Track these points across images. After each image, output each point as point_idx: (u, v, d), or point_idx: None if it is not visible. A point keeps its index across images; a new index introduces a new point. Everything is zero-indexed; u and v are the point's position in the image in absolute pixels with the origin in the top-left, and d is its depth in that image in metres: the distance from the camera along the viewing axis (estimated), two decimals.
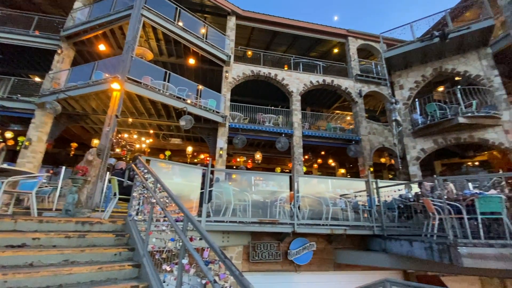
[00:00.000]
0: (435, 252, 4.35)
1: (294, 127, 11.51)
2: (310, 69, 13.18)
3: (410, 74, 9.81)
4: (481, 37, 8.56)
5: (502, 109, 7.98)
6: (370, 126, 12.47)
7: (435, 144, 8.82)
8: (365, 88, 12.88)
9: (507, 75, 11.23)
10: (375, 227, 5.67)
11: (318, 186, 7.08)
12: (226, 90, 10.97)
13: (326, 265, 6.15)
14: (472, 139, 8.37)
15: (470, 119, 7.94)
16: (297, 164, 11.06)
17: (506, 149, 7.92)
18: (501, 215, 4.12)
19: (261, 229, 5.31)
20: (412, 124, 9.23)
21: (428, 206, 4.66)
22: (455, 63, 9.14)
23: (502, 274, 5.25)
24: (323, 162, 15.61)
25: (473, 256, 3.94)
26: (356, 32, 13.68)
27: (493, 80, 8.43)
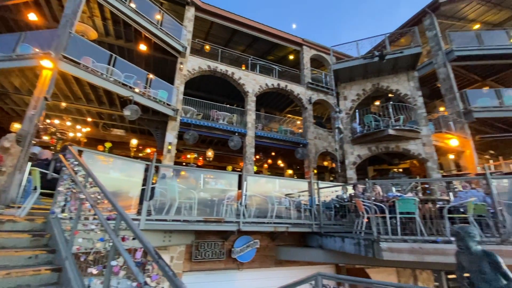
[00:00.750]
0: (362, 247, 4.89)
1: (248, 127, 11.64)
2: (267, 72, 13.50)
3: (353, 87, 10.85)
4: (411, 62, 9.95)
5: (422, 125, 9.42)
6: (316, 131, 13.38)
7: (369, 151, 9.93)
8: (315, 96, 13.78)
9: (428, 96, 13.27)
10: (314, 225, 6.10)
11: (265, 186, 7.29)
12: (179, 83, 10.48)
13: (268, 261, 6.37)
14: (398, 148, 9.67)
15: (397, 131, 9.16)
16: (248, 164, 11.21)
17: (423, 159, 9.37)
18: (415, 215, 4.85)
19: (206, 227, 5.21)
20: (351, 132, 10.21)
21: (359, 206, 5.22)
22: (389, 81, 10.43)
23: (413, 265, 6.19)
24: (273, 163, 16.15)
25: (391, 250, 4.54)
26: (310, 42, 14.52)
27: (417, 99, 9.88)
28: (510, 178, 5.34)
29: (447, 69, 10.79)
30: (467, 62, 11.08)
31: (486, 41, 10.92)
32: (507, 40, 11.09)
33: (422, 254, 4.41)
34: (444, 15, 12.58)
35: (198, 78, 12.27)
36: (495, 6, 12.74)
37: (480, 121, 10.29)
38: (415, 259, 4.56)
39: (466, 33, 11.76)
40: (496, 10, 13.02)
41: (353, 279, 2.89)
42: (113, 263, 2.05)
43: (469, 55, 10.78)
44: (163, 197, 5.35)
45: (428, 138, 9.25)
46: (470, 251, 2.25)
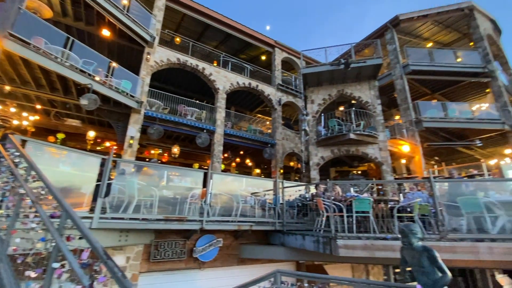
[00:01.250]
0: (320, 244, 5.12)
1: (217, 124, 11.48)
2: (238, 70, 13.45)
3: (320, 91, 11.32)
4: (372, 72, 10.68)
5: (380, 131, 10.17)
6: (284, 132, 13.70)
7: (332, 154, 10.44)
8: (284, 98, 14.09)
9: (386, 105, 14.37)
10: (277, 223, 6.24)
11: (232, 184, 7.26)
12: (145, 74, 9.94)
13: (231, 260, 6.35)
14: (358, 152, 10.32)
15: (358, 136, 9.78)
16: (216, 162, 11.06)
17: (379, 162, 10.12)
18: (369, 214, 5.21)
19: (167, 226, 5.02)
20: (317, 134, 10.65)
21: (320, 205, 5.46)
22: (353, 88, 11.08)
23: (366, 260, 6.66)
24: (241, 162, 16.16)
25: (346, 247, 4.82)
26: (282, 45, 14.81)
27: (376, 107, 10.64)
28: (449, 182, 6.01)
29: (403, 81, 11.81)
30: (420, 76, 12.24)
31: (437, 58, 12.18)
32: (454, 59, 12.49)
33: (374, 250, 4.75)
34: (403, 31, 13.73)
35: (166, 71, 11.76)
36: (446, 28, 14.26)
37: (428, 130, 11.45)
38: (368, 255, 4.90)
39: (420, 49, 12.99)
40: (446, 32, 14.58)
41: (311, 275, 3.02)
42: (54, 265, 1.87)
43: (422, 70, 11.92)
44: (121, 194, 5.02)
45: (384, 143, 10.02)
46: (412, 246, 2.50)
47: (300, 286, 3.08)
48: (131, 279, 5.03)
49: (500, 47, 14.73)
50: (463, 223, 5.26)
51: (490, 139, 12.23)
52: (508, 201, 5.04)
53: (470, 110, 11.81)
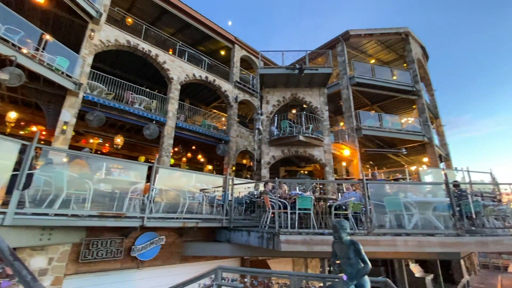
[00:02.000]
0: (264, 240, 5.30)
1: (168, 116, 10.91)
2: (195, 62, 12.99)
3: (275, 93, 11.68)
4: (323, 80, 11.46)
5: (325, 135, 10.99)
6: (239, 130, 13.77)
7: (282, 153, 10.89)
8: (241, 95, 14.14)
9: (332, 111, 15.56)
10: (225, 220, 6.24)
11: (180, 180, 6.99)
12: (88, 53, 8.87)
13: (173, 258, 6.12)
14: (305, 153, 10.97)
15: (306, 138, 10.39)
16: (165, 156, 10.52)
17: (323, 164, 10.93)
18: (310, 211, 5.59)
19: (101, 223, 4.57)
20: (269, 134, 10.97)
21: (266, 202, 5.64)
22: (305, 93, 11.73)
23: (305, 254, 7.15)
24: (192, 157, 15.67)
25: (288, 242, 5.08)
26: (242, 43, 14.82)
27: (324, 113, 11.45)
28: (378, 183, 6.83)
29: (348, 91, 12.98)
30: (363, 88, 13.61)
31: (377, 74, 13.69)
32: (391, 77, 14.20)
33: (312, 244, 5.11)
34: (352, 46, 15.08)
35: (114, 53, 10.71)
36: (386, 48, 16.12)
37: (366, 137, 12.84)
38: (307, 249, 5.25)
39: (365, 64, 14.44)
40: (386, 51, 16.50)
41: (252, 270, 3.09)
42: None
43: (365, 83, 13.28)
44: (47, 187, 4.38)
45: (329, 146, 10.87)
46: (342, 240, 2.77)
47: (241, 281, 3.14)
48: (53, 283, 4.44)
49: (426, 70, 17.31)
50: (387, 220, 6.05)
51: (413, 148, 14.31)
52: (421, 201, 5.96)
53: (399, 122, 13.63)
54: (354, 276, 2.58)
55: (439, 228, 5.57)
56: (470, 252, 12.72)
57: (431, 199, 6.13)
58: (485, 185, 8.27)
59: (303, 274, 3.42)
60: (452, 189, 6.04)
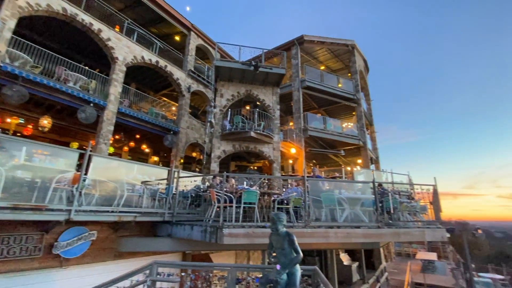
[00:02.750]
0: (207, 234, 5.27)
1: (110, 100, 9.88)
2: (146, 44, 12.01)
3: (230, 87, 11.61)
4: (277, 79, 11.84)
5: (275, 133, 11.41)
6: (190, 121, 13.30)
7: (233, 148, 10.93)
8: (195, 86, 13.66)
9: (283, 111, 16.22)
10: (167, 214, 5.99)
11: (118, 170, 6.44)
12: (9, 15, 7.41)
13: (106, 255, 5.63)
14: (255, 149, 11.22)
15: (257, 135, 10.63)
16: (103, 143, 9.53)
17: (271, 160, 11.35)
18: (255, 205, 5.76)
19: (14, 217, 3.91)
20: (222, 128, 10.89)
21: (212, 196, 5.61)
22: (259, 91, 11.95)
23: (248, 247, 7.35)
24: (136, 147, 14.55)
25: (231, 235, 5.15)
26: (199, 31, 14.27)
27: (276, 111, 11.87)
28: (317, 180, 7.42)
29: (299, 94, 13.71)
30: (312, 92, 14.53)
31: (326, 80, 14.78)
32: (337, 84, 15.47)
33: (254, 237, 5.29)
34: (305, 50, 15.91)
35: (46, 21, 9.17)
36: (335, 57, 17.47)
37: (311, 137, 13.78)
38: (249, 242, 5.41)
39: (315, 70, 15.41)
40: (335, 60, 17.89)
41: (189, 264, 3.05)
42: None
43: (314, 87, 14.19)
44: None
45: (278, 144, 11.33)
46: (278, 232, 2.95)
47: (177, 275, 3.06)
48: None
49: (366, 82, 19.36)
50: (323, 213, 6.63)
51: (350, 150, 15.93)
52: (352, 197, 6.69)
53: (341, 126, 15.00)
54: (286, 265, 2.77)
55: (364, 221, 6.35)
56: (388, 242, 14.85)
57: (360, 196, 6.93)
58: (403, 185, 9.72)
59: (241, 266, 3.52)
60: (377, 188, 6.93)
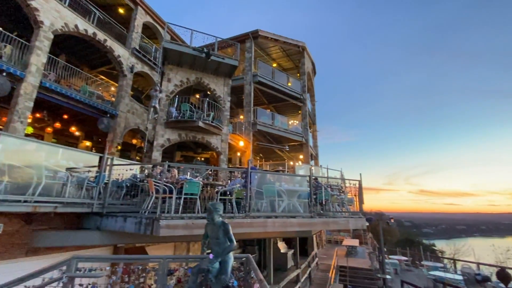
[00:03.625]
0: (142, 225, 4.98)
1: (30, 71, 8.37)
2: (82, 12, 10.46)
3: (179, 72, 11.03)
4: (229, 70, 11.72)
5: (225, 125, 11.36)
6: (132, 105, 12.22)
7: (179, 137, 10.48)
8: (139, 66, 12.55)
9: (234, 103, 16.22)
10: (96, 204, 5.44)
11: (37, 154, 5.54)
12: None
13: (15, 251, 4.84)
14: (203, 140, 10.99)
15: (206, 125, 10.41)
16: (18, 121, 8.08)
17: (219, 152, 11.29)
18: (197, 196, 5.67)
19: None
20: (167, 115, 10.31)
21: (150, 186, 5.31)
22: (210, 80, 11.66)
23: (188, 238, 7.22)
24: (63, 128, 12.71)
25: (168, 227, 4.98)
26: (148, 6, 13.09)
27: (226, 103, 11.78)
28: (260, 173, 7.70)
29: (251, 88, 13.86)
30: (263, 88, 14.85)
31: (277, 77, 15.25)
32: (286, 83, 16.12)
33: (193, 228, 5.22)
34: (259, 46, 16.11)
35: None
36: (287, 56, 18.14)
37: (260, 132, 14.15)
38: (188, 233, 5.31)
39: (268, 66, 15.75)
40: (287, 59, 18.57)
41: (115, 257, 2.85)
42: None
43: (266, 83, 14.53)
44: None
45: (226, 136, 11.32)
46: (214, 222, 2.98)
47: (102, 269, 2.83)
48: None
49: (313, 83, 20.69)
50: (264, 205, 6.93)
51: (294, 146, 16.93)
52: (290, 190, 7.16)
53: (287, 123, 15.78)
54: (220, 254, 2.83)
55: (300, 212, 6.89)
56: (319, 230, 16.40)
57: (297, 188, 7.46)
58: (336, 180, 10.81)
59: (174, 257, 3.45)
60: (312, 181, 7.56)
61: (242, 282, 2.99)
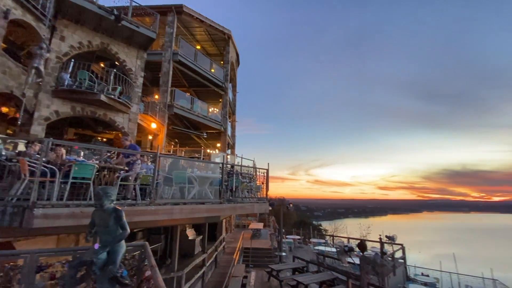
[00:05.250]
0: (7, 215, 3.96)
1: None
2: None
3: (78, 31, 9.07)
4: (145, 42, 10.45)
5: (134, 102, 10.15)
6: (5, 62, 9.29)
7: (72, 111, 8.72)
8: (18, 12, 9.57)
9: (149, 80, 14.73)
10: None
11: None
12: None
13: None
14: (105, 117, 9.51)
15: (110, 100, 9.02)
16: None
17: (126, 133, 10.03)
18: (90, 181, 4.89)
19: None
20: (57, 81, 8.38)
21: (23, 167, 4.25)
22: (120, 49, 10.12)
23: (75, 229, 6.18)
24: None
25: (47, 217, 4.13)
26: None
27: (139, 78, 10.53)
28: (172, 158, 7.34)
29: (169, 66, 12.83)
30: (184, 69, 14.01)
31: (199, 61, 14.65)
32: (210, 68, 15.72)
33: (82, 218, 4.50)
34: (183, 23, 15.02)
35: None
36: (212, 41, 17.63)
37: (176, 115, 13.37)
38: (76, 223, 4.55)
39: (191, 47, 14.91)
40: (212, 44, 18.05)
41: None
42: None
43: (187, 64, 13.74)
44: None
45: (135, 115, 10.16)
46: (103, 208, 2.65)
47: None
48: None
49: (236, 74, 20.96)
50: (174, 192, 6.67)
51: (212, 134, 16.87)
52: (202, 176, 7.14)
53: (207, 110, 15.50)
54: (109, 243, 2.55)
55: (210, 198, 6.98)
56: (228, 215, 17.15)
57: (210, 175, 7.51)
58: (248, 168, 11.44)
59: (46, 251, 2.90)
60: (228, 169, 7.77)
61: (136, 271, 2.80)
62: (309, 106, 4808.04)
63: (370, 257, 9.25)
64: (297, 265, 11.32)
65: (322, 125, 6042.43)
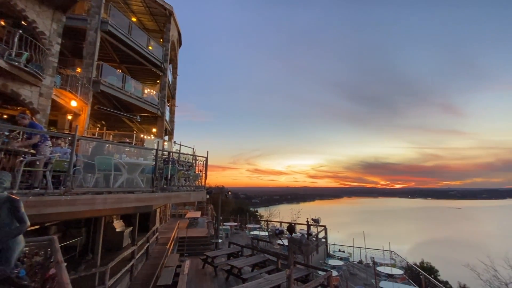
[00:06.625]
0: None
1: None
2: None
3: None
4: (63, 2, 8.74)
5: (48, 74, 8.49)
6: None
7: None
8: None
9: (71, 50, 12.54)
10: None
11: None
12: None
13: None
14: (5, 89, 7.70)
15: (13, 68, 7.32)
16: None
17: (35, 110, 8.35)
18: None
19: None
20: None
21: None
22: (29, 7, 8.23)
23: None
24: None
25: None
26: None
27: (54, 46, 8.79)
28: (95, 141, 6.50)
29: (96, 36, 11.10)
30: (115, 41, 12.35)
31: (134, 35, 13.11)
32: (146, 45, 14.25)
33: None
34: None
35: None
36: (151, 15, 15.99)
37: (104, 94, 11.78)
38: None
39: (124, 18, 13.18)
40: (150, 18, 16.37)
41: None
42: None
43: (118, 37, 12.14)
44: None
45: (49, 90, 8.54)
46: None
47: None
48: None
49: (177, 55, 19.61)
50: (99, 180, 5.94)
51: (147, 118, 15.54)
52: (132, 163, 6.57)
53: (141, 91, 14.13)
54: (3, 237, 2.12)
55: (141, 187, 6.49)
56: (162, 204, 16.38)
57: (141, 162, 6.97)
58: (186, 156, 11.02)
59: None
60: (164, 156, 7.31)
61: (40, 269, 2.41)
62: (252, 97, 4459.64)
63: (297, 238, 10.20)
64: (232, 251, 11.66)
65: (262, 117, 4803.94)
